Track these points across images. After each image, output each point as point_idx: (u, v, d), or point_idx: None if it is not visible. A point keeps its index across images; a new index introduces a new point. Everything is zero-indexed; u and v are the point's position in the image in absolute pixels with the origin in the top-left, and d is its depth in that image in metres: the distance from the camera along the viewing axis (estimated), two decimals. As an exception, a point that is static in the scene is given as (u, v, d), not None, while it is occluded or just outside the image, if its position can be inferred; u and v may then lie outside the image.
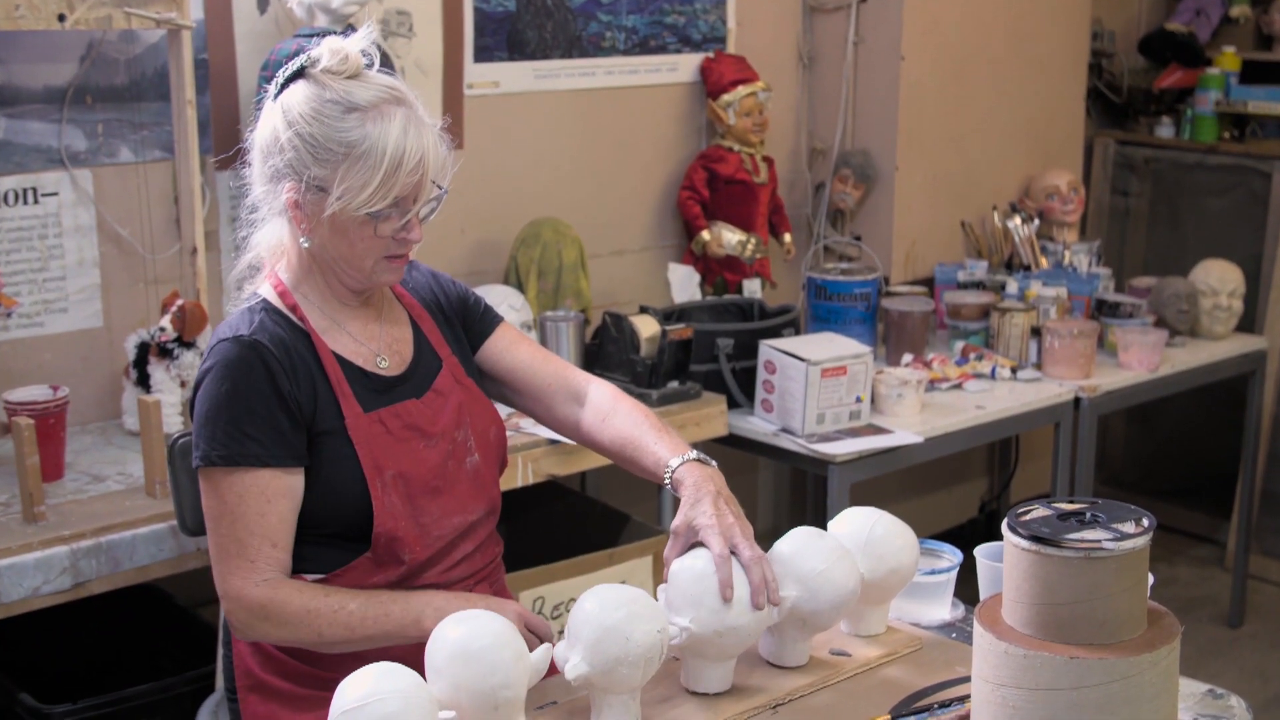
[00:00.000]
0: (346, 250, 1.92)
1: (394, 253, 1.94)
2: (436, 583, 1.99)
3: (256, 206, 1.98)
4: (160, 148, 3.04)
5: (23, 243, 2.93)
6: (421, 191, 1.90)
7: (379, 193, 1.86)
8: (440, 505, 1.99)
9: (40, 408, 2.64)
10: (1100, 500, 1.67)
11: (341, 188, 1.86)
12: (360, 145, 1.85)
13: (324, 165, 1.86)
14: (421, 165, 1.88)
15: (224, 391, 1.89)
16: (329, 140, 1.86)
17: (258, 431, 1.88)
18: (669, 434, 2.04)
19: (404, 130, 1.86)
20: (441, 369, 2.06)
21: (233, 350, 1.90)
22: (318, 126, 1.87)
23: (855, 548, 1.96)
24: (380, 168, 1.85)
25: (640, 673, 1.70)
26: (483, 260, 3.58)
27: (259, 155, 1.94)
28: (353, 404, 1.94)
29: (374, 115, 1.87)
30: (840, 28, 4.18)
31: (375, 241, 1.91)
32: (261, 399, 1.89)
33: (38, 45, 2.86)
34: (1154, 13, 5.33)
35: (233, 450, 1.87)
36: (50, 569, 2.39)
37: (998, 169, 4.45)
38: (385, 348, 2.02)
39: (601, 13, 3.73)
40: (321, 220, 1.90)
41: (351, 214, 1.87)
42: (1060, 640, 1.57)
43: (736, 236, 3.81)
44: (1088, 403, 3.75)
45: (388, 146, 1.85)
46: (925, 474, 4.63)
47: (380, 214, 1.88)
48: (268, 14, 3.15)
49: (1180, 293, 4.15)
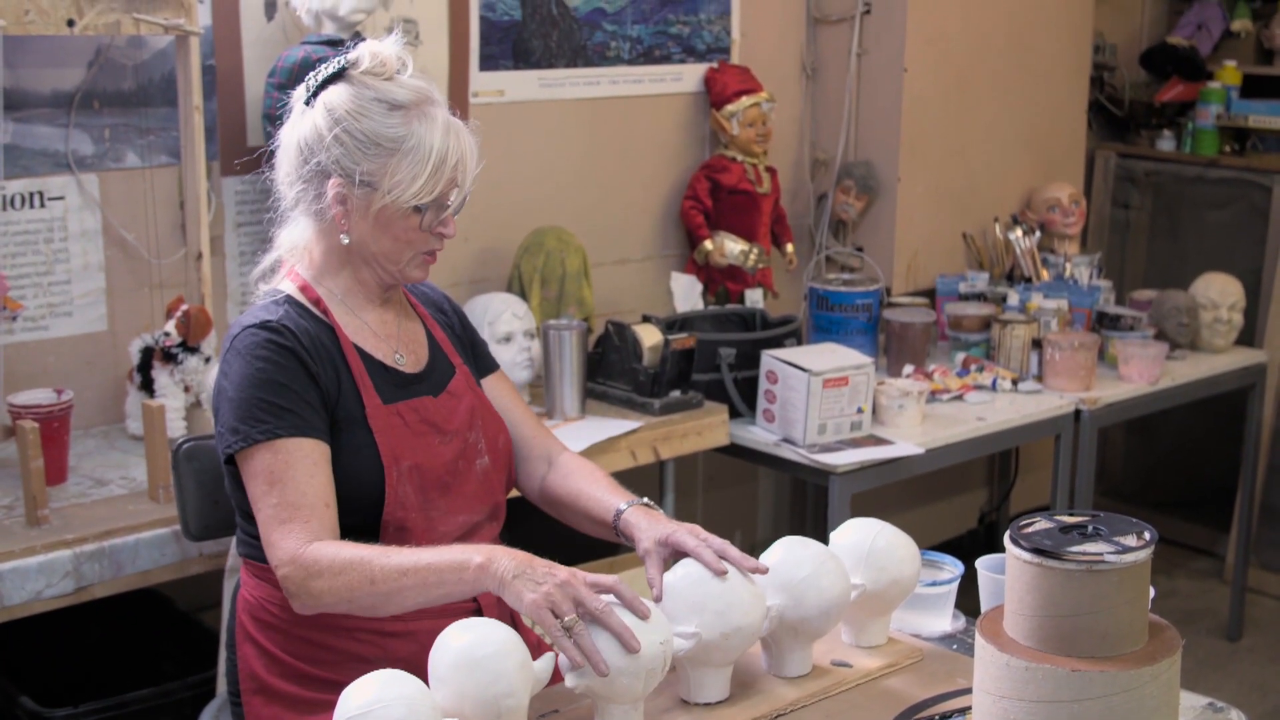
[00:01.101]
0: (389, 245, 1.99)
1: (430, 248, 2.01)
2: None
3: (286, 205, 2.03)
4: (167, 153, 3.05)
5: (29, 246, 2.94)
6: (456, 188, 1.97)
7: (427, 186, 1.93)
8: (449, 501, 2.02)
9: (44, 411, 2.65)
10: (1102, 513, 1.68)
11: (392, 181, 1.93)
12: (408, 141, 1.93)
13: (373, 160, 1.93)
14: (462, 162, 1.96)
15: (256, 370, 1.92)
16: (378, 136, 1.93)
17: (294, 404, 1.91)
18: (622, 489, 2.12)
19: (446, 128, 1.96)
20: (456, 374, 2.12)
21: (261, 334, 1.94)
22: (366, 123, 1.93)
23: (857, 559, 1.97)
24: (429, 162, 1.93)
25: (642, 683, 1.71)
26: (486, 268, 3.59)
27: (296, 154, 1.98)
28: (373, 395, 1.99)
29: (416, 114, 1.94)
30: (844, 39, 4.19)
31: (417, 235, 1.98)
32: (293, 376, 1.92)
33: (46, 50, 2.87)
34: (1156, 26, 5.34)
35: (273, 424, 1.90)
36: (53, 573, 2.39)
37: (999, 181, 4.46)
38: (403, 345, 2.08)
39: (607, 22, 3.75)
40: (367, 215, 1.96)
41: (400, 207, 1.94)
42: (1062, 653, 1.58)
43: (739, 246, 3.82)
44: (1088, 415, 3.76)
45: (434, 142, 1.93)
46: (925, 485, 4.64)
47: (425, 207, 1.95)
48: (275, 21, 3.16)
49: (1181, 306, 4.16)
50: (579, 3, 3.68)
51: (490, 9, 3.51)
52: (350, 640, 1.97)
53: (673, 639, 1.76)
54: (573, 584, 1.75)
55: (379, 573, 1.81)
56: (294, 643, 1.98)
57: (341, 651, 1.97)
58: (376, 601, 1.83)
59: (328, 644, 1.97)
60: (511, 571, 1.76)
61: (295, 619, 1.95)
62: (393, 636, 1.97)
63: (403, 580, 1.80)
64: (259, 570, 2.00)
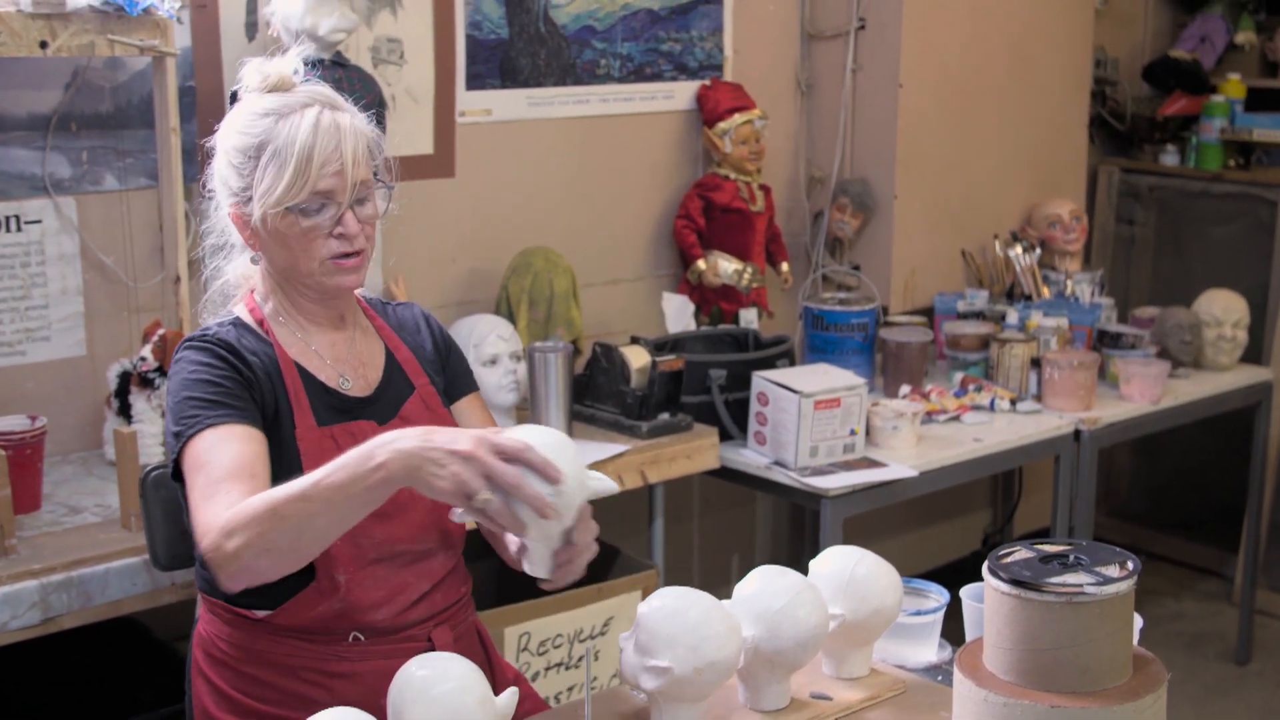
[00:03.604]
0: (288, 256, 1.92)
1: (337, 252, 1.92)
2: (391, 625, 1.94)
3: (220, 238, 2.01)
4: (145, 175, 3.01)
5: (5, 270, 2.90)
6: (347, 184, 1.88)
7: (294, 186, 1.86)
8: (384, 530, 1.93)
9: (16, 438, 2.60)
10: (1085, 542, 1.63)
11: (260, 188, 1.88)
12: (271, 144, 1.87)
13: (242, 173, 1.90)
14: (339, 156, 1.87)
15: (188, 374, 1.89)
16: (245, 148, 1.89)
17: (223, 397, 1.86)
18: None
19: (315, 124, 1.87)
20: (412, 395, 2.04)
21: (195, 344, 1.92)
22: (235, 139, 1.91)
23: (836, 588, 1.91)
24: (291, 162, 1.86)
25: (559, 539, 1.75)
26: (474, 290, 3.54)
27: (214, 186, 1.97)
28: (307, 415, 1.93)
29: (287, 115, 1.88)
30: (838, 55, 4.14)
31: (310, 240, 1.90)
32: (223, 375, 1.88)
33: (22, 72, 2.84)
34: (1158, 40, 5.29)
35: (202, 415, 1.84)
36: (19, 603, 2.34)
37: (999, 197, 4.41)
38: (352, 370, 2.01)
39: (596, 40, 3.70)
40: (259, 231, 1.91)
41: (273, 212, 1.87)
42: (1041, 688, 1.52)
43: (733, 265, 3.77)
44: (1088, 435, 3.70)
45: (296, 139, 1.86)
46: (925, 506, 4.58)
47: (302, 208, 1.88)
48: (255, 41, 3.12)
49: (1183, 323, 4.10)
50: (567, 20, 3.64)
51: (476, 27, 3.47)
52: (296, 680, 1.92)
53: (595, 486, 1.77)
54: (478, 457, 1.62)
55: (283, 505, 1.69)
56: (243, 680, 1.93)
57: (288, 692, 1.91)
58: (293, 539, 1.70)
59: (275, 683, 1.92)
60: (415, 461, 1.64)
61: (243, 656, 1.91)
62: (340, 678, 1.92)
63: (308, 505, 1.68)
64: (211, 604, 1.96)
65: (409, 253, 3.27)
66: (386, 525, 1.94)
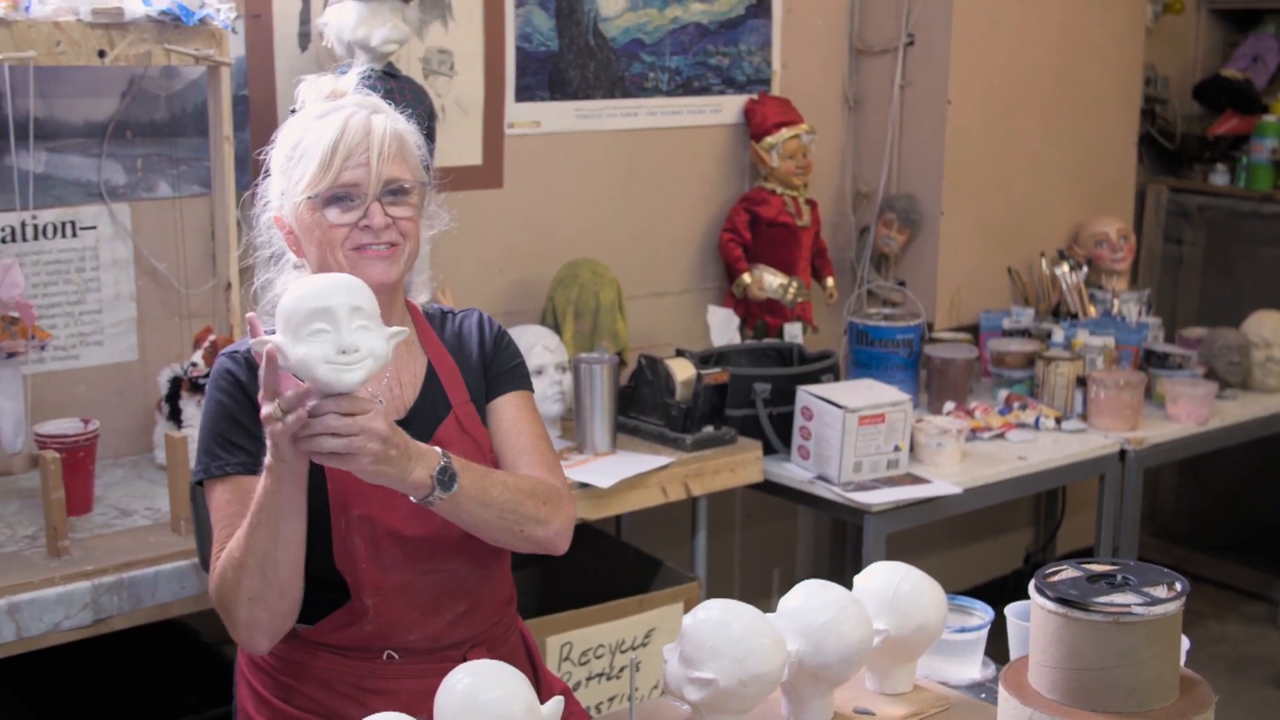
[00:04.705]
0: (318, 251, 1.92)
1: (359, 242, 1.90)
2: (425, 645, 1.94)
3: (269, 248, 2.03)
4: (198, 183, 3.05)
5: (60, 275, 2.93)
6: (372, 177, 1.89)
7: (317, 174, 1.87)
8: (408, 552, 1.91)
9: (70, 441, 2.63)
10: (1132, 562, 1.62)
11: (290, 182, 1.91)
12: (303, 142, 1.90)
13: (283, 174, 1.93)
14: (365, 149, 1.88)
15: (213, 406, 1.91)
16: (287, 150, 1.92)
17: (244, 440, 1.88)
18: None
19: (346, 120, 1.89)
20: (448, 418, 1.98)
21: (222, 364, 1.93)
22: (280, 144, 1.94)
23: (881, 603, 1.91)
24: (317, 153, 1.88)
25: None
26: (520, 300, 3.56)
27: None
28: None
29: (326, 116, 1.90)
30: (887, 71, 4.14)
31: (334, 231, 1.89)
32: (245, 411, 1.89)
33: (80, 80, 2.88)
34: (1209, 59, 5.26)
35: (222, 460, 1.88)
36: (71, 604, 2.38)
37: (1046, 215, 4.39)
38: (386, 389, 1.97)
39: (645, 53, 3.72)
40: (296, 231, 1.93)
41: (302, 204, 1.89)
42: (1088, 707, 1.52)
43: (778, 280, 3.77)
44: (1134, 455, 3.67)
45: (324, 134, 1.88)
46: (968, 524, 4.55)
47: (324, 197, 1.88)
48: (309, 51, 3.16)
49: (1232, 344, 4.07)
50: (617, 33, 3.66)
51: (526, 39, 3.49)
52: (333, 695, 1.92)
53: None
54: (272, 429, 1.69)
55: (235, 546, 1.79)
56: (281, 689, 1.94)
57: (325, 704, 1.92)
58: (257, 566, 1.77)
59: (312, 695, 1.93)
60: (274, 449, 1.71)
61: (282, 666, 1.92)
62: (375, 694, 1.91)
63: (250, 535, 1.76)
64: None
65: (456, 263, 3.29)
66: (409, 548, 1.91)
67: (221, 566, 1.81)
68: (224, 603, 1.82)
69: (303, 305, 1.68)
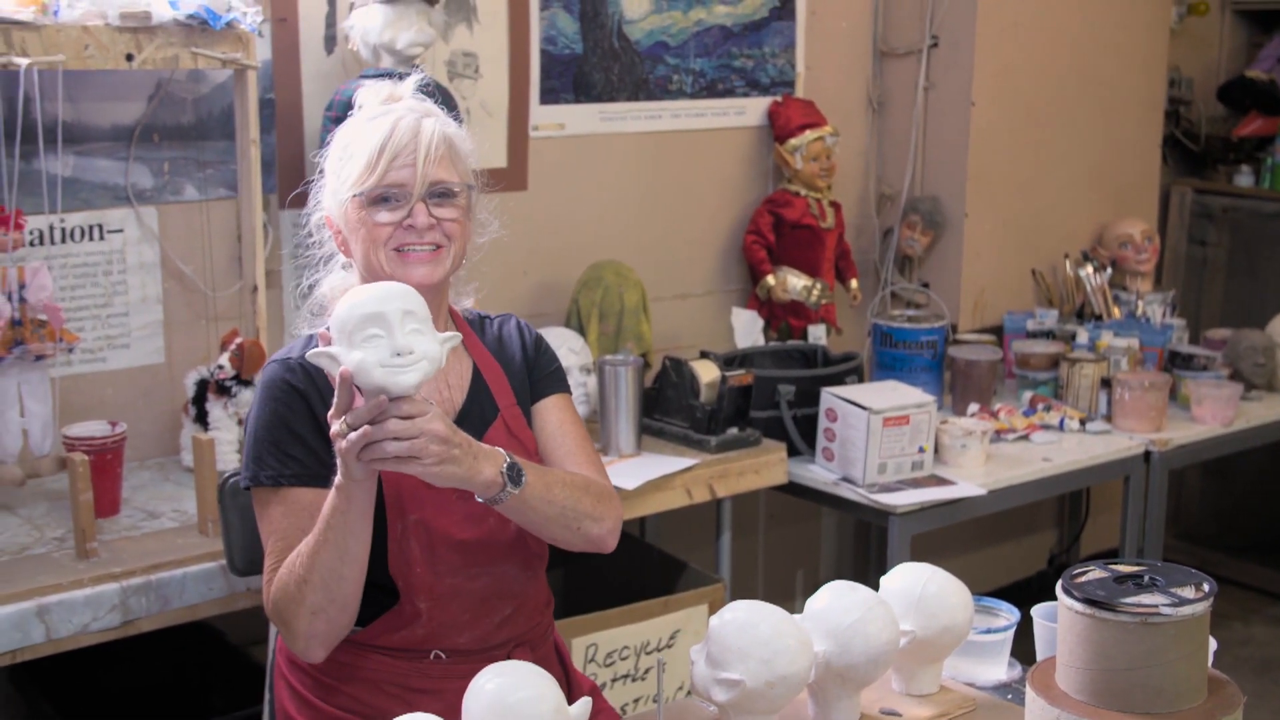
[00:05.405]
0: (363, 251, 1.93)
1: (402, 242, 1.92)
2: (474, 646, 1.95)
3: (319, 249, 2.05)
4: (224, 186, 3.06)
5: (87, 278, 2.95)
6: (418, 177, 1.90)
7: (364, 172, 1.89)
8: (463, 556, 1.94)
9: (98, 444, 2.65)
10: (1160, 563, 1.62)
11: (338, 181, 1.93)
12: (353, 143, 1.92)
13: (334, 173, 1.95)
14: (413, 150, 1.89)
15: (268, 413, 1.91)
16: (338, 150, 1.94)
17: (300, 452, 1.89)
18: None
19: (395, 121, 1.91)
20: (495, 421, 2.01)
21: (277, 372, 1.93)
22: (334, 144, 1.96)
23: (907, 605, 1.91)
24: (364, 154, 1.89)
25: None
26: (545, 302, 3.57)
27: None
28: None
29: (378, 118, 1.92)
30: (910, 73, 4.14)
31: (378, 230, 1.91)
32: (302, 421, 1.90)
33: (107, 84, 2.90)
34: (1234, 60, 5.24)
35: (277, 470, 1.89)
36: (100, 606, 2.39)
37: (1070, 216, 4.38)
38: (435, 393, 1.98)
39: (669, 56, 3.72)
40: (343, 230, 1.95)
41: (349, 202, 1.91)
42: (1115, 708, 1.52)
43: (802, 282, 3.77)
44: (1158, 457, 3.66)
45: (373, 135, 1.90)
46: (991, 525, 4.55)
47: (370, 196, 1.89)
48: (334, 55, 3.17)
49: (1257, 345, 4.06)
50: (641, 36, 3.66)
51: (551, 42, 3.50)
52: (378, 694, 1.93)
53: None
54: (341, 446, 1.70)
55: (296, 558, 1.81)
56: (322, 689, 1.95)
57: (369, 704, 1.93)
58: (322, 583, 1.78)
59: (356, 695, 1.94)
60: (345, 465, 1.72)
61: (325, 666, 1.93)
62: (422, 694, 1.92)
63: (317, 552, 1.78)
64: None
65: (480, 265, 3.28)
66: (463, 553, 1.94)
67: (282, 580, 1.83)
68: (283, 615, 1.83)
69: (356, 311, 1.70)
